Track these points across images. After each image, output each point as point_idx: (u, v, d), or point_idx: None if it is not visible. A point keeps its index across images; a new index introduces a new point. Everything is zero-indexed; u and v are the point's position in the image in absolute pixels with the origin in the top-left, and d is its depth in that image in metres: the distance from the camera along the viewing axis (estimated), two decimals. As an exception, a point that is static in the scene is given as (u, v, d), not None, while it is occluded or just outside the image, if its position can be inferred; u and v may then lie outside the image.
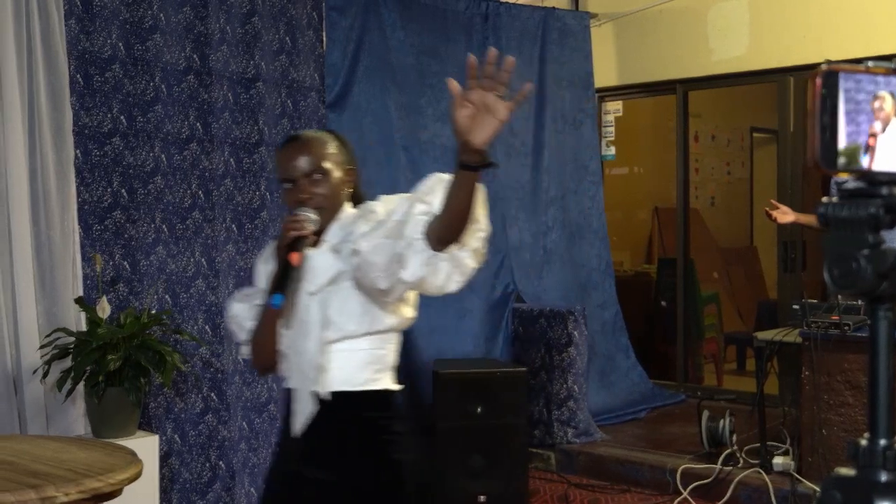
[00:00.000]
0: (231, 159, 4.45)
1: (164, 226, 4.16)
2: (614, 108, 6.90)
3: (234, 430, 4.32)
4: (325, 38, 4.88)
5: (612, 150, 6.91)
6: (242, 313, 2.22)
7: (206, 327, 4.26)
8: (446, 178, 1.88)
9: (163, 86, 4.17)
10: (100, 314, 3.58)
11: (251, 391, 4.45)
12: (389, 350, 2.12)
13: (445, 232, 1.87)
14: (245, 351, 2.24)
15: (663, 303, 7.17)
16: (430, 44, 5.38)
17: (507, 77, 1.70)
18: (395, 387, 2.13)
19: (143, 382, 3.54)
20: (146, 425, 3.95)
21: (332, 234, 2.11)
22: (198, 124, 4.30)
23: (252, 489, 4.37)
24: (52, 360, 3.50)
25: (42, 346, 3.58)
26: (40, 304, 3.69)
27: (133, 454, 2.29)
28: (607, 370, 6.05)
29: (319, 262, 2.08)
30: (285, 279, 2.01)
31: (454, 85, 1.72)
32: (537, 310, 5.47)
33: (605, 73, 6.65)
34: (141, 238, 4.06)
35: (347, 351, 2.06)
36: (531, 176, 5.93)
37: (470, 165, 1.77)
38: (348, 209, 2.15)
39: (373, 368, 2.08)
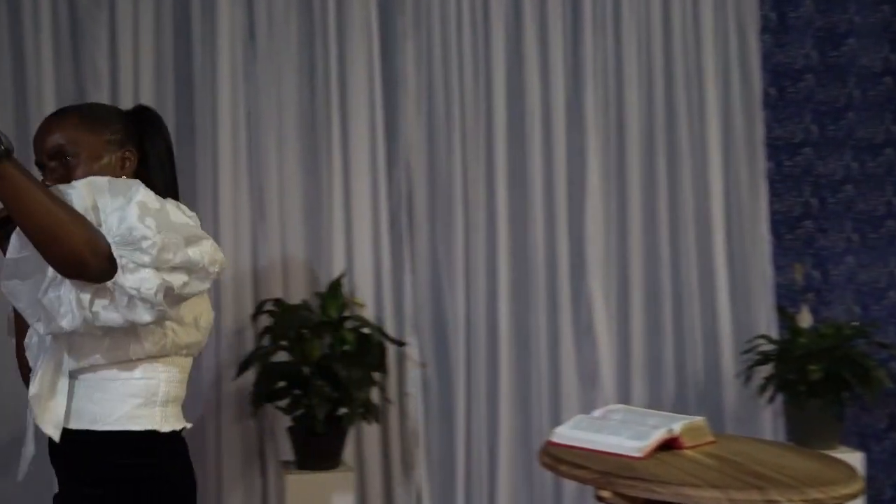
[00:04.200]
0: (937, 163, 4.18)
1: (855, 235, 4.12)
2: None
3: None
4: None
5: None
6: None
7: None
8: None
9: (856, 91, 4.12)
10: (801, 323, 3.61)
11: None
12: (163, 380, 1.68)
13: (51, 257, 1.47)
14: None
15: None
16: None
17: None
18: (170, 427, 1.69)
19: (844, 396, 3.47)
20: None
21: None
22: (894, 128, 4.15)
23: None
24: (753, 365, 3.63)
25: (745, 352, 3.73)
26: (733, 311, 3.84)
27: (853, 469, 2.22)
28: None
29: None
30: None
31: None
32: None
33: None
34: (830, 247, 4.09)
35: (97, 381, 1.66)
36: None
37: None
38: None
39: (134, 403, 1.66)
